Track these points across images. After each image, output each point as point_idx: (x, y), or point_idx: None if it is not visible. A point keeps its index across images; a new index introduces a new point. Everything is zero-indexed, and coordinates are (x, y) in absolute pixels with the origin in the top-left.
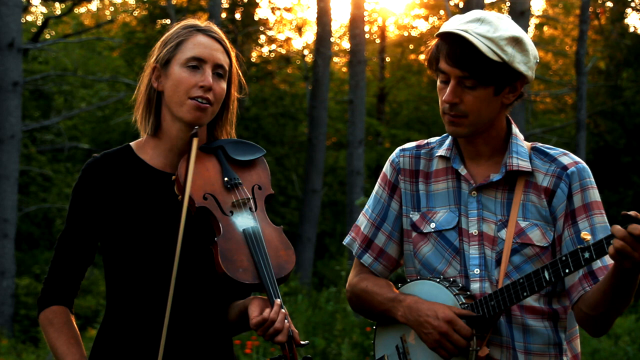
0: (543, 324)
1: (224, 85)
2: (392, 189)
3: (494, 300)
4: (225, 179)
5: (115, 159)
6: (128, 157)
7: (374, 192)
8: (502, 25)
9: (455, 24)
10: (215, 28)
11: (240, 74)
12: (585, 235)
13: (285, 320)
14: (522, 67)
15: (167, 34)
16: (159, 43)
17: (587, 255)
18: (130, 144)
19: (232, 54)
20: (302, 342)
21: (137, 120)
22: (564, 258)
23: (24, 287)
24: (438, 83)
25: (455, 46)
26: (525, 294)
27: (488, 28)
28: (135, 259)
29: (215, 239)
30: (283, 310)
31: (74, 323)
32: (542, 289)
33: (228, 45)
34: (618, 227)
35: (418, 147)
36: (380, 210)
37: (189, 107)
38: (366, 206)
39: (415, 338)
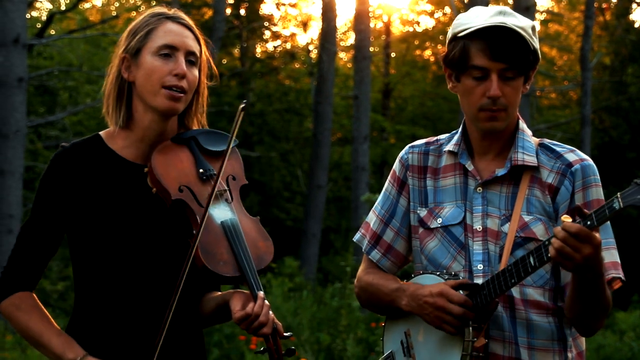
0: (547, 320)
1: (196, 72)
2: (401, 185)
3: (486, 289)
4: (200, 170)
5: (85, 149)
6: (98, 147)
7: (383, 188)
8: (519, 15)
9: (483, 19)
10: (184, 15)
11: (211, 61)
12: (565, 217)
13: (270, 312)
14: (539, 55)
15: (134, 23)
16: (126, 33)
17: None
18: (100, 133)
19: (202, 41)
20: (285, 334)
21: (107, 111)
22: (546, 242)
23: None
24: (468, 81)
25: (496, 39)
26: (513, 280)
27: (514, 19)
28: (106, 252)
29: (194, 232)
30: (267, 303)
31: (42, 307)
32: (528, 275)
33: (197, 32)
34: (558, 227)
35: (427, 143)
36: (389, 206)
37: (163, 97)
38: (376, 203)
39: (418, 333)
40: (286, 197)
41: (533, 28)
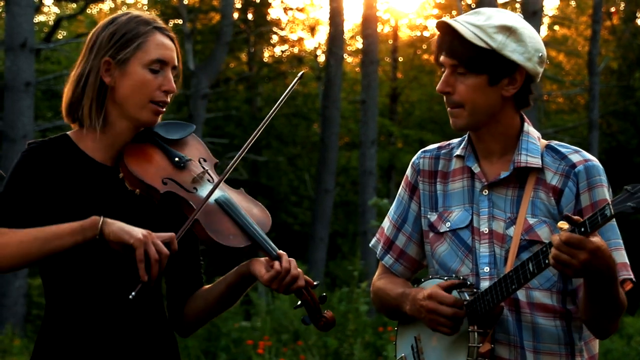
0: (554, 323)
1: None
2: (412, 190)
3: (489, 295)
4: (176, 159)
5: (55, 148)
6: (68, 147)
7: (397, 194)
8: (498, 15)
9: (447, 18)
10: (168, 27)
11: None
12: (562, 224)
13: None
14: (515, 57)
15: (118, 28)
16: (107, 35)
17: None
18: (68, 133)
19: (179, 53)
20: (314, 283)
21: (83, 113)
22: (544, 249)
23: (36, 287)
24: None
25: (446, 35)
26: (514, 286)
27: (480, 17)
28: (75, 254)
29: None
30: (291, 259)
31: None
32: (527, 281)
33: (177, 44)
34: (554, 235)
35: (439, 148)
36: (401, 212)
37: (149, 111)
38: (391, 208)
39: (427, 338)
40: (294, 202)
41: (505, 28)
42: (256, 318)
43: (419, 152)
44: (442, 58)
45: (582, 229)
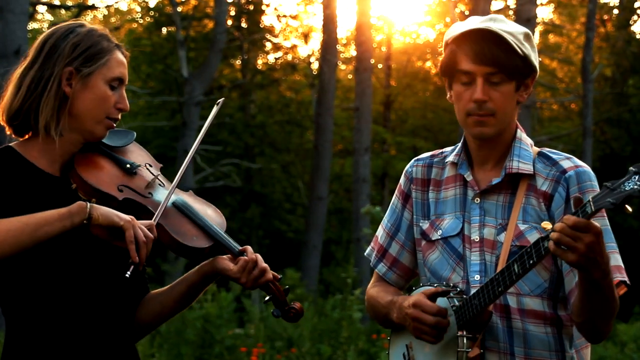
0: (545, 330)
1: None
2: (405, 198)
3: (476, 299)
4: (127, 166)
5: (3, 159)
6: (14, 159)
7: (391, 202)
8: (512, 23)
9: (472, 24)
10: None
11: None
12: (546, 224)
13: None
14: (535, 63)
15: (81, 39)
16: (70, 45)
17: (546, 244)
18: (11, 145)
19: None
20: (279, 276)
21: (39, 121)
22: (528, 249)
23: None
24: (457, 87)
25: (481, 43)
26: (500, 289)
27: (504, 25)
28: (30, 266)
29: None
30: (257, 253)
31: None
32: (513, 283)
33: None
34: (557, 223)
35: (432, 156)
36: (394, 220)
37: (104, 126)
38: (384, 217)
39: (418, 345)
40: (287, 209)
41: (527, 35)
42: (250, 325)
43: (412, 160)
44: (472, 66)
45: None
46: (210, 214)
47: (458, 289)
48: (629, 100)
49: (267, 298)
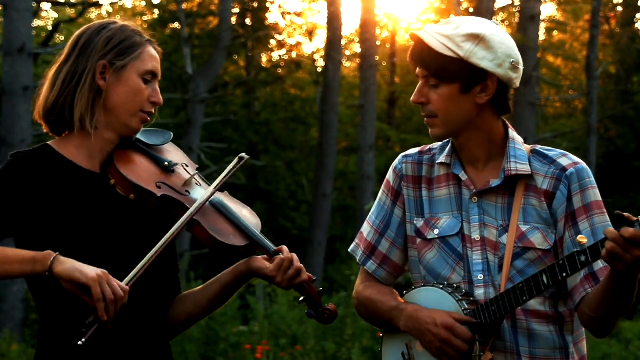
0: (548, 328)
1: None
2: (396, 195)
3: (495, 306)
4: (165, 164)
5: (41, 158)
6: (52, 156)
7: (377, 199)
8: (467, 24)
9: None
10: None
11: None
12: (582, 238)
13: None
14: (485, 64)
15: (114, 34)
16: (103, 40)
17: (583, 258)
18: (49, 143)
19: None
20: (314, 277)
21: (74, 115)
22: (561, 262)
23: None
24: None
25: (417, 47)
26: (525, 298)
27: (449, 27)
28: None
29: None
30: (293, 253)
31: None
32: (541, 293)
33: None
34: (610, 229)
35: (420, 153)
36: (383, 217)
37: (138, 119)
38: (370, 213)
39: (419, 345)
40: (292, 206)
41: (472, 36)
42: (254, 322)
43: (400, 156)
44: (417, 70)
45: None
46: (245, 214)
47: (464, 291)
48: (634, 98)
49: (301, 299)
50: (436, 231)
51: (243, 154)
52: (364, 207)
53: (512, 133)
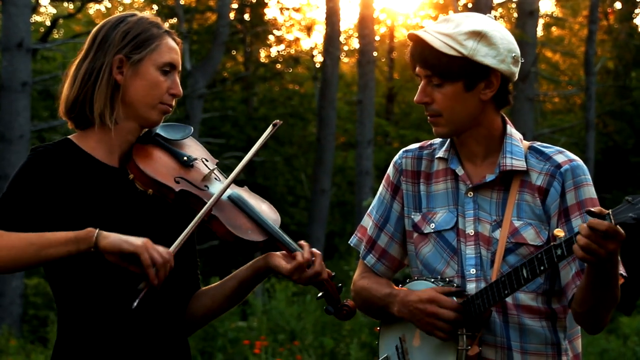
0: (540, 324)
1: None
2: (395, 190)
3: (480, 299)
4: (184, 158)
5: (61, 152)
6: (73, 150)
7: (378, 193)
8: (466, 21)
9: (420, 29)
10: (174, 32)
11: None
12: (558, 232)
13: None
14: (488, 61)
15: (131, 27)
16: (120, 34)
17: (559, 252)
18: (70, 137)
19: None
20: (332, 273)
21: (94, 111)
22: (539, 255)
23: (32, 287)
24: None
25: (417, 46)
26: (506, 291)
27: (449, 25)
28: (88, 257)
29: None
30: (314, 250)
31: None
32: (521, 287)
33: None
34: (583, 225)
35: (421, 148)
36: (383, 211)
37: (159, 111)
38: (371, 207)
39: (412, 339)
40: (290, 202)
41: (474, 33)
42: (253, 318)
43: (401, 151)
44: (417, 69)
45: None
46: (265, 209)
47: (455, 284)
48: (632, 93)
49: (320, 294)
50: (432, 225)
51: (276, 121)
52: (362, 203)
53: (510, 129)
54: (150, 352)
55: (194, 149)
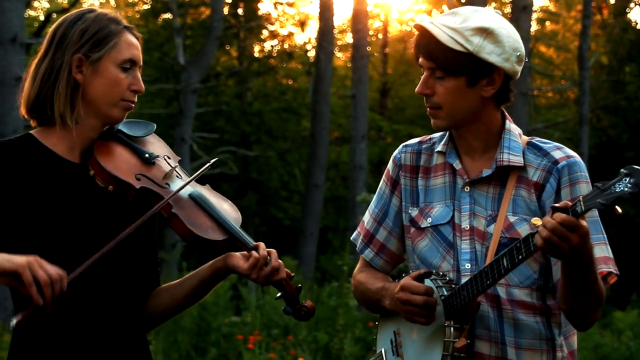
0: (535, 319)
1: None
2: (394, 185)
3: (465, 290)
4: (146, 155)
5: (21, 147)
6: (34, 146)
7: (378, 188)
8: (474, 16)
9: (428, 19)
10: (133, 27)
11: None
12: (536, 220)
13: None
14: (493, 58)
15: (89, 25)
16: (78, 32)
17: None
18: (32, 132)
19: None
20: (292, 274)
21: (54, 111)
22: (517, 244)
23: None
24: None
25: (423, 38)
26: (488, 282)
27: (457, 19)
28: (46, 252)
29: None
30: (272, 249)
31: None
32: (502, 277)
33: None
34: (547, 218)
35: (420, 142)
36: (382, 206)
37: (121, 108)
38: (371, 202)
39: (406, 332)
40: (284, 197)
41: (481, 30)
42: (246, 313)
43: (400, 146)
44: (420, 60)
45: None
46: (226, 208)
47: (447, 278)
48: (626, 88)
49: (278, 295)
50: (429, 219)
51: (216, 158)
52: (356, 198)
53: (509, 124)
54: (107, 348)
55: (156, 146)
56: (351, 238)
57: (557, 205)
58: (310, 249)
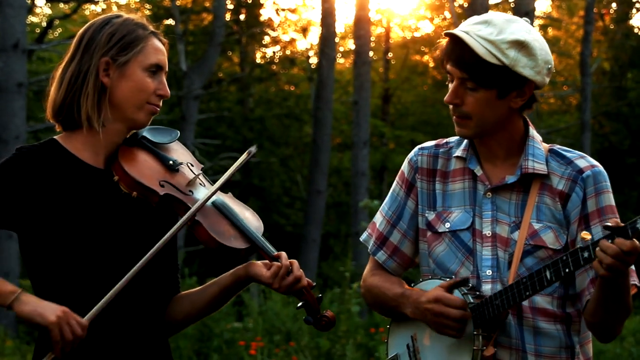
0: (555, 327)
1: None
2: (409, 187)
3: (499, 300)
4: (170, 162)
5: (46, 153)
6: (58, 151)
7: (391, 189)
8: (509, 28)
9: (463, 26)
10: (160, 32)
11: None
12: (585, 235)
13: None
14: (527, 72)
15: (116, 29)
16: (105, 36)
17: (586, 254)
18: (56, 138)
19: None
20: (313, 283)
21: (81, 114)
22: (564, 257)
23: (28, 287)
24: (448, 83)
25: (456, 47)
26: (527, 293)
27: (492, 30)
28: (69, 258)
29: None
30: (293, 260)
31: None
32: (543, 289)
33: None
34: (607, 243)
35: (437, 146)
36: (396, 208)
37: (146, 112)
38: (383, 203)
39: (424, 338)
40: (286, 203)
41: (516, 43)
42: (248, 319)
43: (416, 148)
44: (450, 67)
45: (624, 234)
46: (248, 216)
47: (470, 285)
48: (628, 94)
49: (299, 304)
50: (447, 224)
51: (252, 148)
52: (358, 204)
53: (532, 131)
54: (129, 352)
55: (180, 153)
56: (361, 239)
57: (610, 224)
58: (312, 255)
